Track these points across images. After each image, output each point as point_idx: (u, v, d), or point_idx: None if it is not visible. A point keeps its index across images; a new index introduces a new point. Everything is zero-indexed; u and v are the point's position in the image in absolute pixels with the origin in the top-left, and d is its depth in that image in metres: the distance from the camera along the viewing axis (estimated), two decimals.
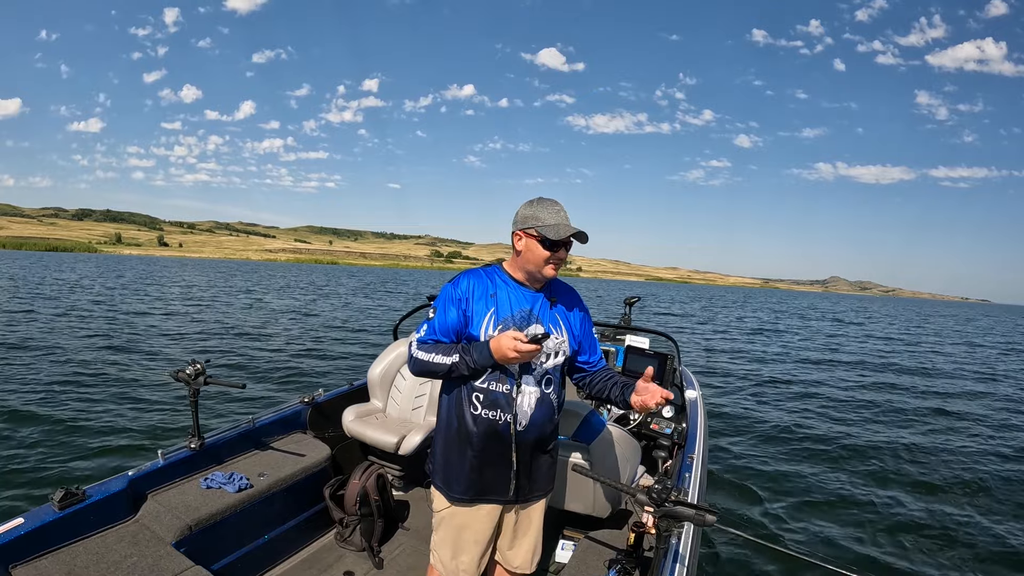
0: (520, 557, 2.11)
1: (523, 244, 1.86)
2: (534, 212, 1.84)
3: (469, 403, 1.88)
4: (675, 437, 3.49)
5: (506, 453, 1.90)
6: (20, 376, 8.06)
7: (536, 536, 2.12)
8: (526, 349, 1.72)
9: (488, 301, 1.89)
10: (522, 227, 1.85)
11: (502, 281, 1.93)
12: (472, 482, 1.93)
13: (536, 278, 1.92)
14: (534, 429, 1.91)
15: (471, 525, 1.99)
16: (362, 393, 3.79)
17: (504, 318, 1.88)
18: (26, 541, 2.04)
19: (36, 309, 16.64)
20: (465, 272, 1.97)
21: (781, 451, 6.68)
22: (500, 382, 1.87)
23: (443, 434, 1.98)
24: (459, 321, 1.88)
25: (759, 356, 15.64)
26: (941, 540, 4.61)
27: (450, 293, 1.92)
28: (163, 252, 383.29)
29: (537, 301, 1.93)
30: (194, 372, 2.75)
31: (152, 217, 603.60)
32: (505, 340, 1.74)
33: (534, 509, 2.09)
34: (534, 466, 1.99)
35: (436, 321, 1.91)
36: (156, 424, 6.22)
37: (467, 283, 1.92)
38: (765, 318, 33.40)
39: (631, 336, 3.91)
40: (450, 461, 1.95)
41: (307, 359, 10.90)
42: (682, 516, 1.67)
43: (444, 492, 1.99)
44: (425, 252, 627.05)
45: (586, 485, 2.75)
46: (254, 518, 2.75)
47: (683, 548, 2.09)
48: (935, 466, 6.50)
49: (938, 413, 9.45)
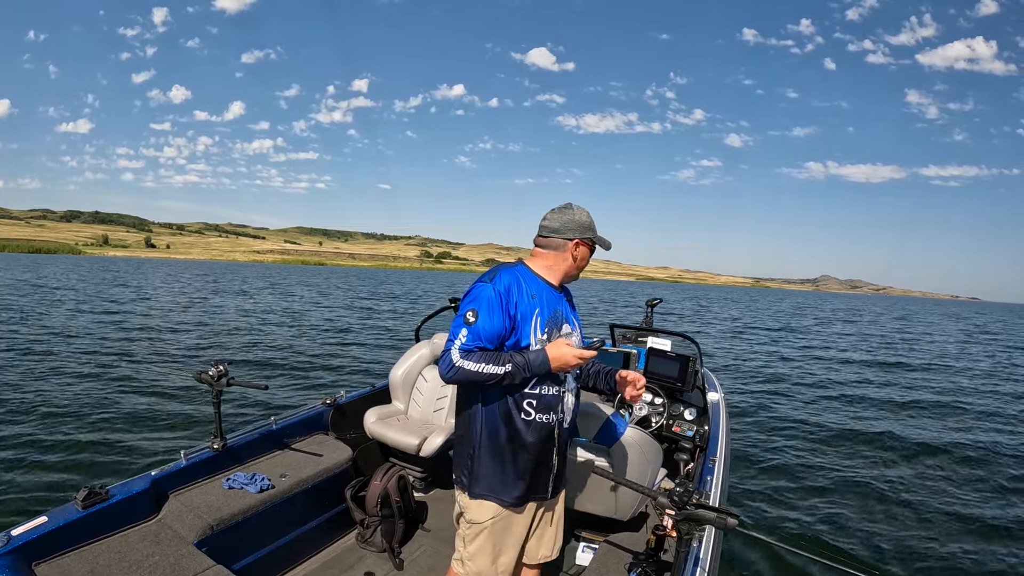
0: (545, 547, 2.15)
1: (580, 252, 1.95)
2: (591, 222, 1.95)
3: (520, 409, 1.85)
4: (697, 439, 3.49)
5: (552, 452, 1.96)
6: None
7: (559, 525, 2.18)
8: (588, 355, 1.80)
9: (532, 302, 1.86)
10: (584, 236, 1.93)
11: (534, 280, 1.93)
12: (524, 486, 1.93)
13: (568, 281, 2.02)
14: (571, 425, 2.03)
15: (515, 527, 1.99)
16: (384, 395, 3.81)
17: (548, 318, 1.89)
18: (49, 539, 2.06)
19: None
20: (502, 270, 1.90)
21: (804, 453, 6.62)
22: (550, 386, 1.90)
23: (488, 443, 1.89)
24: (505, 326, 1.80)
25: (779, 355, 15.56)
26: (973, 544, 4.53)
27: (494, 296, 1.80)
28: (150, 253, 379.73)
29: (562, 301, 2.00)
30: (216, 374, 2.77)
31: (141, 219, 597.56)
32: (566, 349, 1.80)
33: (558, 501, 2.16)
34: (566, 458, 2.09)
35: (480, 326, 1.78)
36: (178, 425, 6.31)
37: (508, 283, 1.84)
38: (782, 320, 33.00)
39: (653, 338, 3.92)
40: (503, 469, 1.90)
41: (269, 367, 10.45)
42: (703, 519, 1.69)
43: (495, 500, 1.92)
44: (415, 253, 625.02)
45: (607, 487, 2.77)
46: (275, 518, 2.76)
47: (704, 551, 2.09)
48: (962, 469, 6.39)
49: (963, 412, 9.31)
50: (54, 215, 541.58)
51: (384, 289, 46.07)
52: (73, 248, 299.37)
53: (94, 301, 21.30)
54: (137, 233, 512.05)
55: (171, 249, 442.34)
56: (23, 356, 9.75)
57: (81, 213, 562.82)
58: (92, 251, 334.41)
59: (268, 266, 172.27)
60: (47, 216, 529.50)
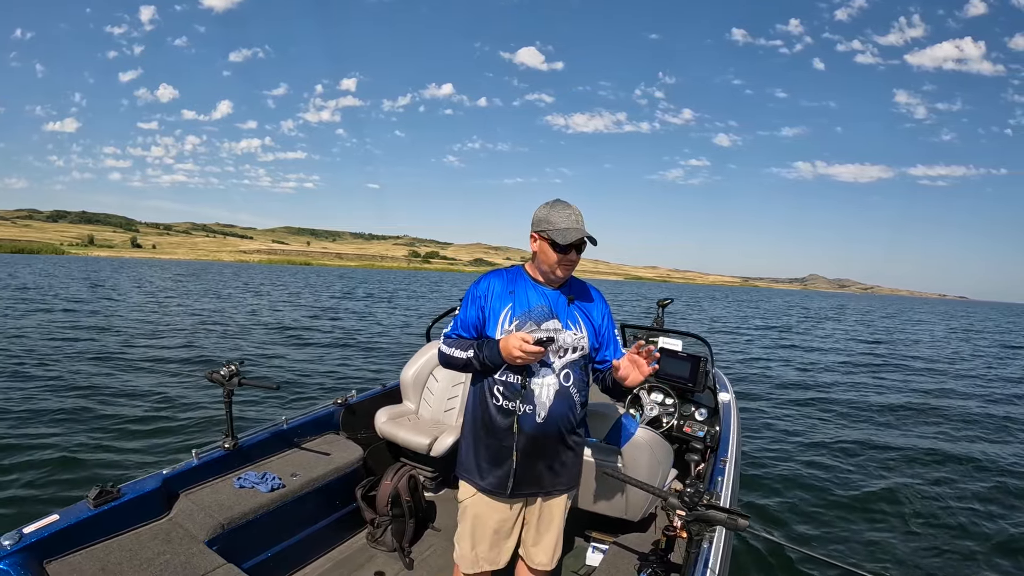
0: (542, 553, 2.15)
1: (537, 245, 1.96)
2: (547, 215, 1.92)
3: (491, 395, 1.97)
4: (708, 440, 3.48)
5: (527, 445, 1.97)
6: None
7: (558, 532, 2.16)
8: (530, 350, 1.79)
9: (506, 298, 1.98)
10: (536, 229, 1.95)
11: (522, 280, 2.03)
12: (496, 473, 2.00)
13: (551, 278, 2.01)
14: (554, 421, 1.97)
15: (491, 515, 2.07)
16: (395, 394, 3.80)
17: (521, 313, 1.96)
18: (61, 537, 2.06)
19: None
20: (490, 272, 2.09)
21: (815, 454, 6.60)
22: (514, 374, 1.95)
23: (470, 425, 2.08)
24: (477, 317, 2.01)
25: (784, 358, 15.51)
26: (987, 549, 4.49)
27: (472, 292, 2.04)
28: (135, 253, 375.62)
29: (555, 299, 2.01)
30: (228, 373, 2.78)
31: (128, 219, 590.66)
32: (512, 340, 1.82)
33: (556, 504, 2.13)
34: (557, 459, 2.04)
35: (459, 317, 2.06)
36: (189, 424, 6.30)
37: (488, 282, 2.03)
38: (776, 319, 33.05)
39: (664, 338, 3.92)
40: (477, 451, 2.04)
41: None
42: (714, 520, 1.69)
43: (469, 481, 2.08)
44: (403, 252, 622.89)
45: (618, 488, 2.78)
46: (286, 517, 2.76)
47: (715, 552, 2.07)
48: (978, 473, 6.35)
49: (977, 420, 9.19)
50: (40, 215, 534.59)
51: (365, 288, 45.60)
52: (57, 248, 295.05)
53: (52, 300, 20.92)
54: (124, 233, 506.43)
55: (157, 249, 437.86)
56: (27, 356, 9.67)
57: (68, 213, 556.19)
58: (76, 251, 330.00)
59: (252, 266, 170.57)
60: (33, 216, 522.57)
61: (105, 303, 20.94)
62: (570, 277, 2.05)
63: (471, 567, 2.12)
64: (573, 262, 1.95)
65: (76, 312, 17.25)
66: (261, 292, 33.33)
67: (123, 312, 18.05)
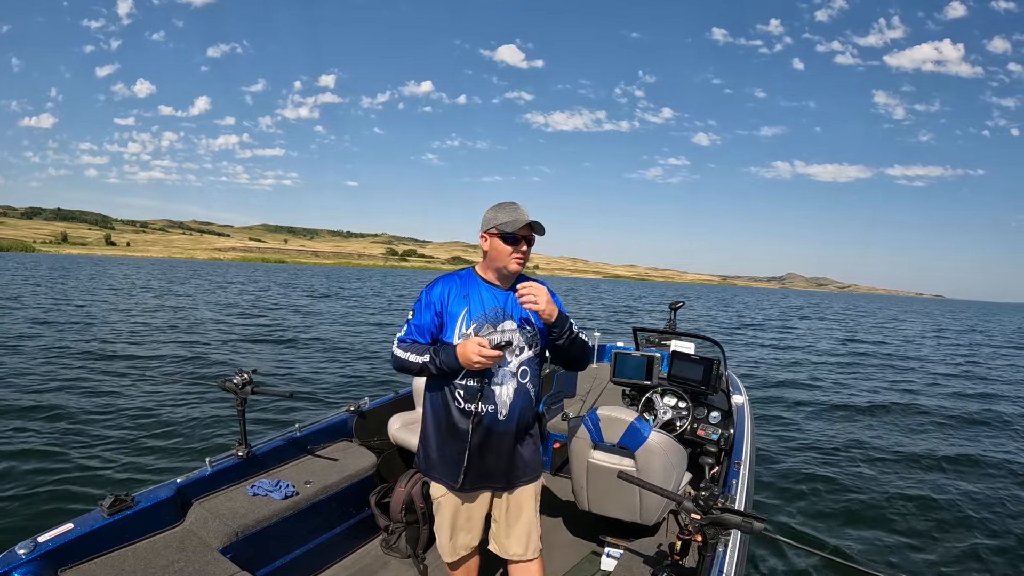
0: (516, 544, 2.20)
1: (488, 244, 2.02)
2: (495, 215, 1.99)
3: (452, 398, 2.03)
4: (722, 443, 3.44)
5: (490, 442, 2.05)
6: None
7: (529, 522, 2.21)
8: (489, 355, 1.84)
9: (462, 302, 2.04)
10: (485, 229, 2.02)
11: (475, 283, 2.08)
12: (463, 471, 2.05)
13: (504, 275, 2.06)
14: (514, 418, 2.05)
15: (463, 511, 2.18)
16: (408, 401, 3.79)
17: (477, 316, 2.02)
18: (75, 546, 2.08)
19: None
20: (441, 277, 2.13)
21: (829, 457, 6.56)
22: (473, 378, 2.01)
23: (432, 427, 2.12)
24: (433, 323, 2.04)
25: (791, 360, 15.50)
26: (1002, 552, 4.47)
27: (425, 297, 2.07)
28: (108, 251, 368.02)
29: (508, 299, 2.06)
30: (241, 382, 2.77)
31: (105, 216, 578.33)
32: (471, 346, 1.87)
33: (524, 494, 2.18)
34: (518, 452, 2.12)
35: (413, 322, 2.07)
36: (202, 432, 6.27)
37: (441, 287, 2.07)
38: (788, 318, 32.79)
39: (676, 341, 3.92)
40: (442, 452, 2.10)
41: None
42: (729, 524, 1.70)
43: (439, 481, 2.14)
44: (381, 251, 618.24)
45: (632, 492, 2.79)
46: (300, 525, 2.76)
47: (729, 556, 2.05)
48: (993, 472, 6.33)
49: (984, 421, 9.17)
50: (15, 212, 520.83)
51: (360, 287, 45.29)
52: (27, 246, 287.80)
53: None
54: (99, 231, 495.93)
55: (131, 247, 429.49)
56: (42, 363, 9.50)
57: (43, 210, 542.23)
58: (48, 249, 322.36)
59: (225, 264, 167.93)
60: (8, 213, 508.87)
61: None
62: (519, 275, 2.10)
63: (451, 556, 2.25)
64: (524, 254, 2.01)
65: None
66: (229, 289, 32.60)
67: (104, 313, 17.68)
